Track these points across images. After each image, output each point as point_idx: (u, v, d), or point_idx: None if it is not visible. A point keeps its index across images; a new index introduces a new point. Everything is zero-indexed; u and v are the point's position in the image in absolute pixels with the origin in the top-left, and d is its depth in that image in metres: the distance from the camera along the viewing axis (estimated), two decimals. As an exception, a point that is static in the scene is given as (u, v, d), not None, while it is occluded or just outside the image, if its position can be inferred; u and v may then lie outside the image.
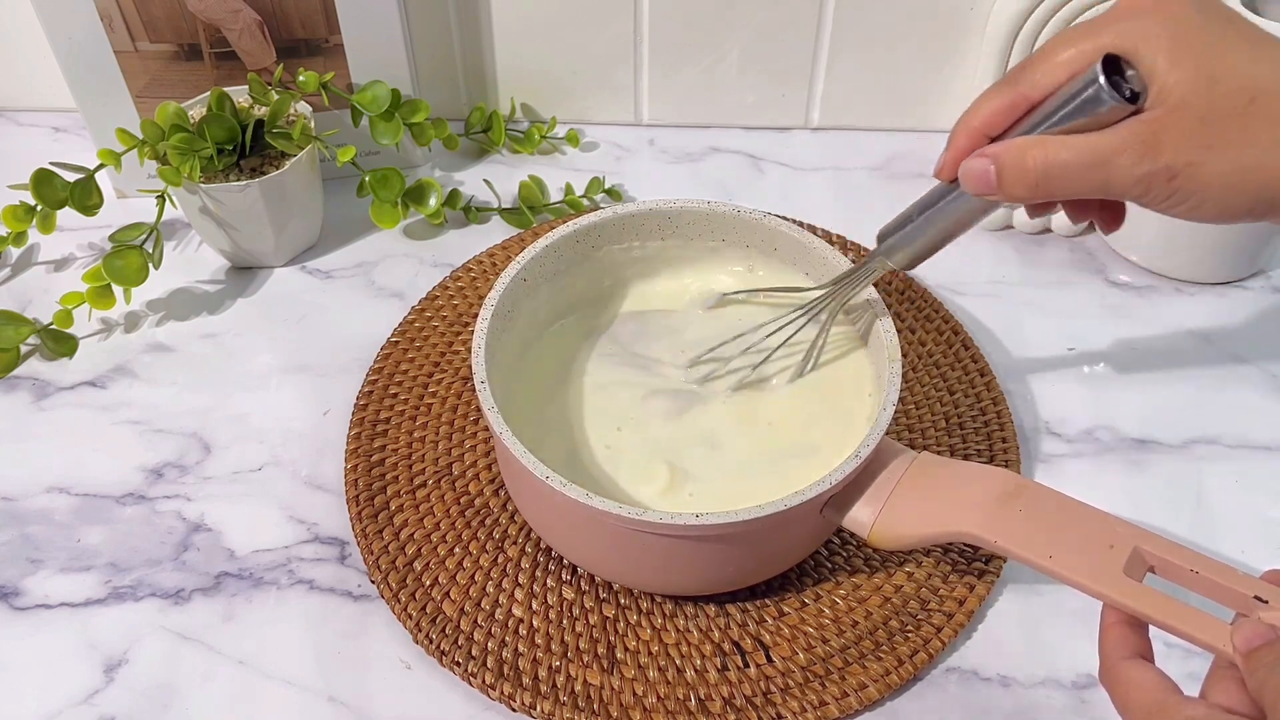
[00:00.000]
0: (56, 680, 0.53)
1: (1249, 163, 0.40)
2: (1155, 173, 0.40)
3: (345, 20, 0.72)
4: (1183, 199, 0.41)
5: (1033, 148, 0.42)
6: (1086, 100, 0.41)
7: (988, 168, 0.44)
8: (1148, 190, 0.41)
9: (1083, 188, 0.42)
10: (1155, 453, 0.63)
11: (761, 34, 0.79)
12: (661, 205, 0.60)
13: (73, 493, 0.61)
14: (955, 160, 0.46)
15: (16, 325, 0.67)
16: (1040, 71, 0.43)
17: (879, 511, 0.50)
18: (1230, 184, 0.40)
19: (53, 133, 0.84)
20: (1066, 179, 0.42)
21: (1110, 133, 0.41)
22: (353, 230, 0.76)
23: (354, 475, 0.60)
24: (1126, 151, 0.41)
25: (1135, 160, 0.41)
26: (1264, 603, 0.41)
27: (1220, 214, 0.42)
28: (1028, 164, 0.42)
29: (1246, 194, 0.41)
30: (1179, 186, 0.41)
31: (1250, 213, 0.41)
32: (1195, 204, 0.41)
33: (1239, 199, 0.41)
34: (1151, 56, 0.40)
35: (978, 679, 0.53)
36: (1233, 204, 0.41)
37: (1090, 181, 0.42)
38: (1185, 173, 0.40)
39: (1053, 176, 0.42)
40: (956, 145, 0.46)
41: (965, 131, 0.45)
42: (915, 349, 0.67)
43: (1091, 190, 0.42)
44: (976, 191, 0.45)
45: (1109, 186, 0.42)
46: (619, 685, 0.52)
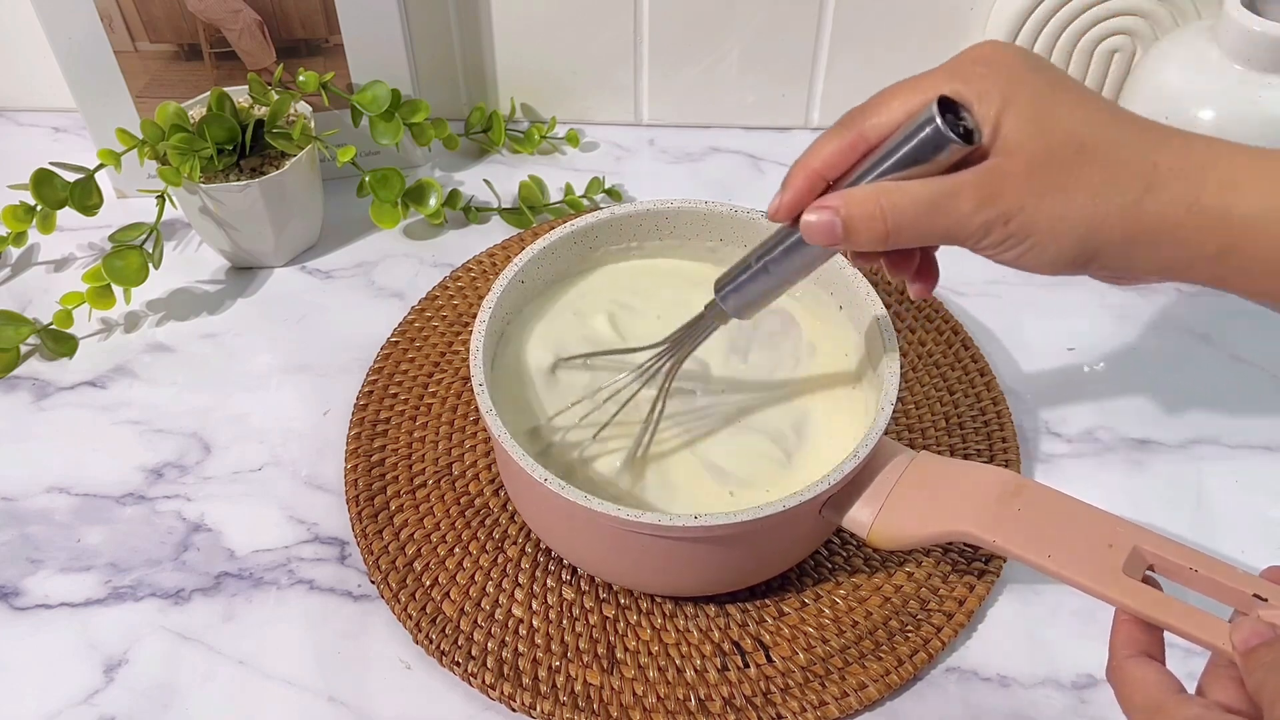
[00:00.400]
0: (56, 680, 0.53)
1: (1074, 209, 0.41)
2: (994, 219, 0.41)
3: (345, 20, 0.72)
4: (1015, 244, 0.42)
5: (880, 195, 0.42)
6: (924, 140, 0.41)
7: (833, 220, 0.43)
8: (987, 234, 0.42)
9: (929, 234, 0.42)
10: (1155, 453, 0.63)
11: (761, 34, 0.79)
12: (659, 206, 0.60)
13: (73, 493, 0.61)
14: (793, 203, 0.45)
15: (16, 325, 0.67)
16: (877, 115, 0.43)
17: (878, 511, 0.50)
18: (1056, 230, 0.41)
19: (53, 133, 0.84)
20: (913, 226, 0.42)
21: (953, 178, 0.42)
22: (353, 230, 0.76)
23: (354, 475, 0.60)
24: (967, 199, 0.41)
25: (975, 207, 0.41)
26: (1263, 601, 0.41)
27: (1049, 262, 0.43)
28: (876, 213, 0.42)
29: (1071, 241, 0.41)
30: (1012, 232, 0.42)
31: (1074, 262, 0.42)
32: (1025, 249, 0.42)
33: (1064, 246, 0.42)
34: (988, 103, 0.41)
35: (978, 679, 0.53)
36: (1059, 250, 0.42)
37: (935, 229, 0.42)
38: (1018, 218, 0.41)
39: (902, 225, 0.42)
40: (795, 187, 0.45)
41: (803, 173, 0.45)
42: (915, 349, 0.67)
43: (937, 237, 0.43)
44: (822, 243, 0.44)
45: (952, 233, 0.42)
46: (619, 685, 0.52)
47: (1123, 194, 0.41)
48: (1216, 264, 0.42)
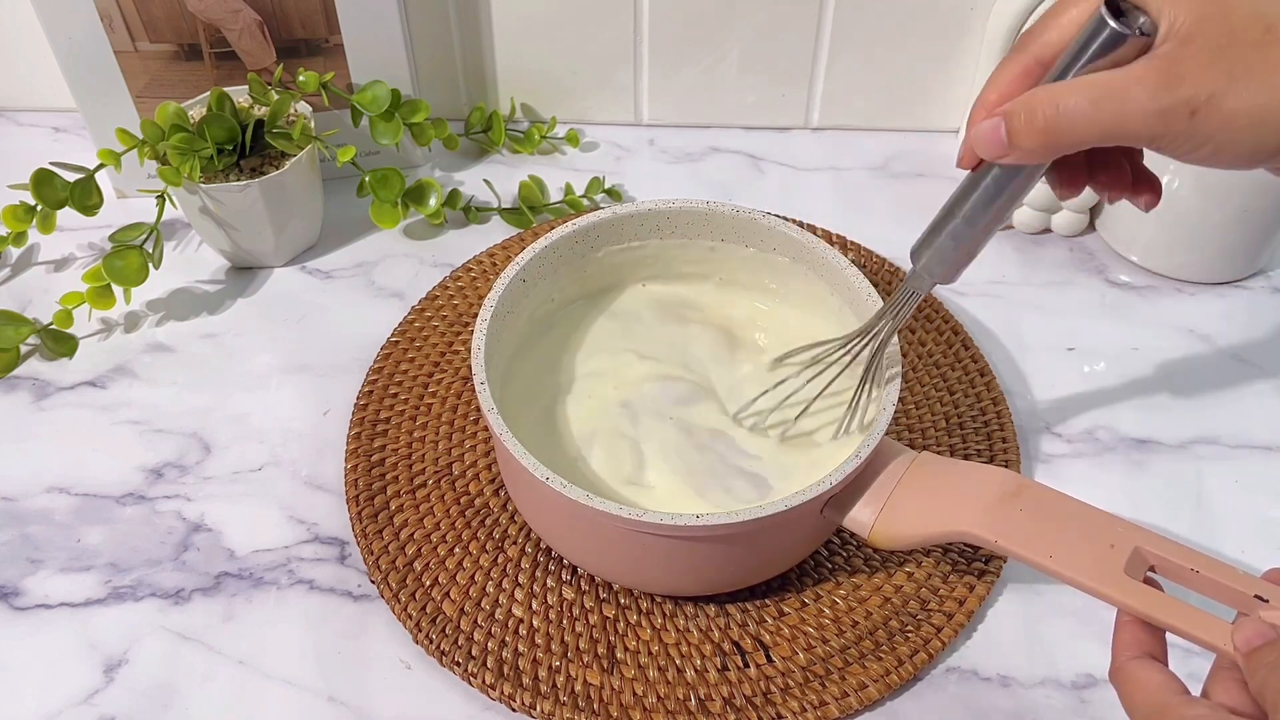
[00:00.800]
0: (56, 680, 0.53)
1: (1272, 93, 0.37)
2: (1174, 107, 0.37)
3: (345, 20, 0.72)
4: (1205, 139, 0.38)
5: (1041, 95, 0.40)
6: (1100, 43, 0.39)
7: (997, 124, 0.41)
8: (1166, 129, 0.38)
9: (1096, 132, 0.39)
10: (1155, 453, 0.63)
11: (761, 34, 0.79)
12: (660, 205, 0.60)
13: (73, 493, 0.61)
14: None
15: (16, 325, 0.67)
16: (1048, 32, 0.41)
17: (879, 511, 0.50)
18: (1256, 117, 0.37)
19: (53, 133, 0.84)
20: (1077, 123, 0.39)
21: (1123, 70, 0.38)
22: (353, 230, 0.76)
23: (354, 475, 0.60)
24: (1141, 85, 0.38)
25: (1151, 94, 0.38)
26: (1265, 602, 0.41)
27: (1248, 154, 0.39)
28: (1037, 111, 0.40)
29: (1271, 127, 0.38)
30: (1200, 125, 0.38)
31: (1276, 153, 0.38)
32: (1220, 143, 0.38)
33: (1263, 133, 0.38)
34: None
35: (978, 679, 0.53)
36: (1261, 140, 0.38)
37: (1103, 124, 0.39)
38: (1206, 107, 0.37)
39: (1063, 122, 0.39)
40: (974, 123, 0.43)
41: (983, 108, 0.43)
42: (915, 349, 0.67)
43: (1106, 135, 0.39)
44: (990, 154, 0.42)
45: (1124, 126, 0.38)
46: (619, 685, 0.52)
47: None
48: None
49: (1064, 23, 0.41)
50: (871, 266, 0.72)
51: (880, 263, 0.72)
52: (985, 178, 0.44)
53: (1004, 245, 0.75)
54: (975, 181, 0.45)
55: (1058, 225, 0.75)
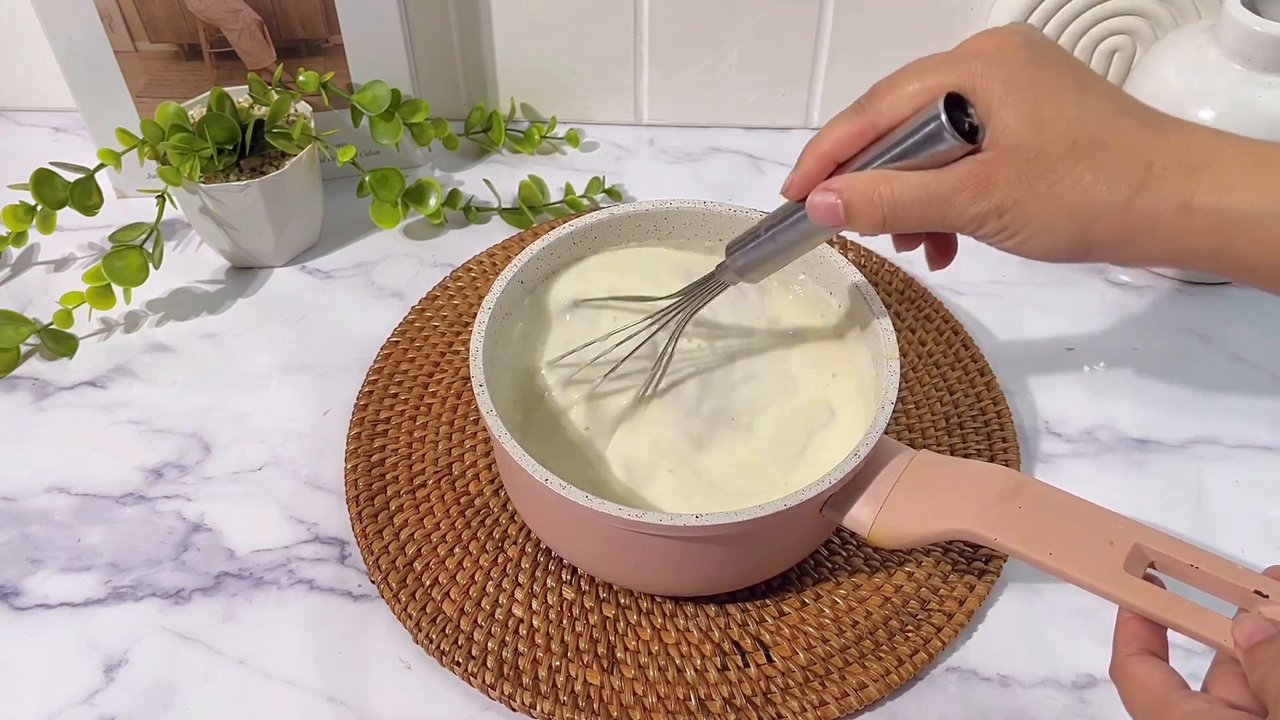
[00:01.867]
0: (56, 680, 0.53)
1: (1067, 204, 0.42)
2: (988, 211, 0.43)
3: (345, 20, 0.72)
4: (1010, 234, 0.44)
5: (879, 184, 0.44)
6: (929, 136, 0.43)
7: (835, 203, 0.45)
8: (981, 225, 0.44)
9: (925, 223, 0.44)
10: (1155, 453, 0.63)
11: (761, 34, 0.79)
12: (659, 206, 0.60)
13: (73, 493, 0.61)
14: (803, 181, 0.47)
15: (16, 325, 0.67)
16: (887, 102, 0.45)
17: (879, 510, 0.50)
18: (1050, 224, 0.43)
19: (53, 133, 0.84)
20: (910, 214, 0.44)
21: (949, 172, 0.43)
22: (353, 230, 0.76)
23: (354, 475, 0.60)
24: (964, 190, 0.43)
25: (971, 199, 0.43)
26: (1264, 597, 0.41)
27: (1044, 252, 0.44)
28: (874, 200, 0.44)
29: (1065, 233, 0.43)
30: (1007, 224, 0.43)
31: (1071, 252, 0.44)
32: (1022, 240, 0.44)
33: (1058, 238, 0.43)
34: (988, 98, 0.43)
35: (978, 679, 0.53)
36: (1054, 243, 0.43)
37: (931, 218, 0.44)
38: (1012, 210, 0.43)
39: (898, 212, 0.44)
40: (804, 168, 0.47)
41: (814, 155, 0.47)
42: (915, 349, 0.67)
43: (933, 225, 0.44)
44: (825, 224, 0.46)
45: (948, 222, 0.44)
46: (619, 685, 0.52)
47: (1114, 192, 0.42)
48: (1213, 260, 0.42)
49: (904, 95, 0.44)
50: (871, 266, 0.72)
51: (880, 262, 0.72)
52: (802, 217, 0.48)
53: (1004, 245, 0.75)
54: (794, 212, 0.49)
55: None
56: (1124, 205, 0.42)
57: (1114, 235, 0.42)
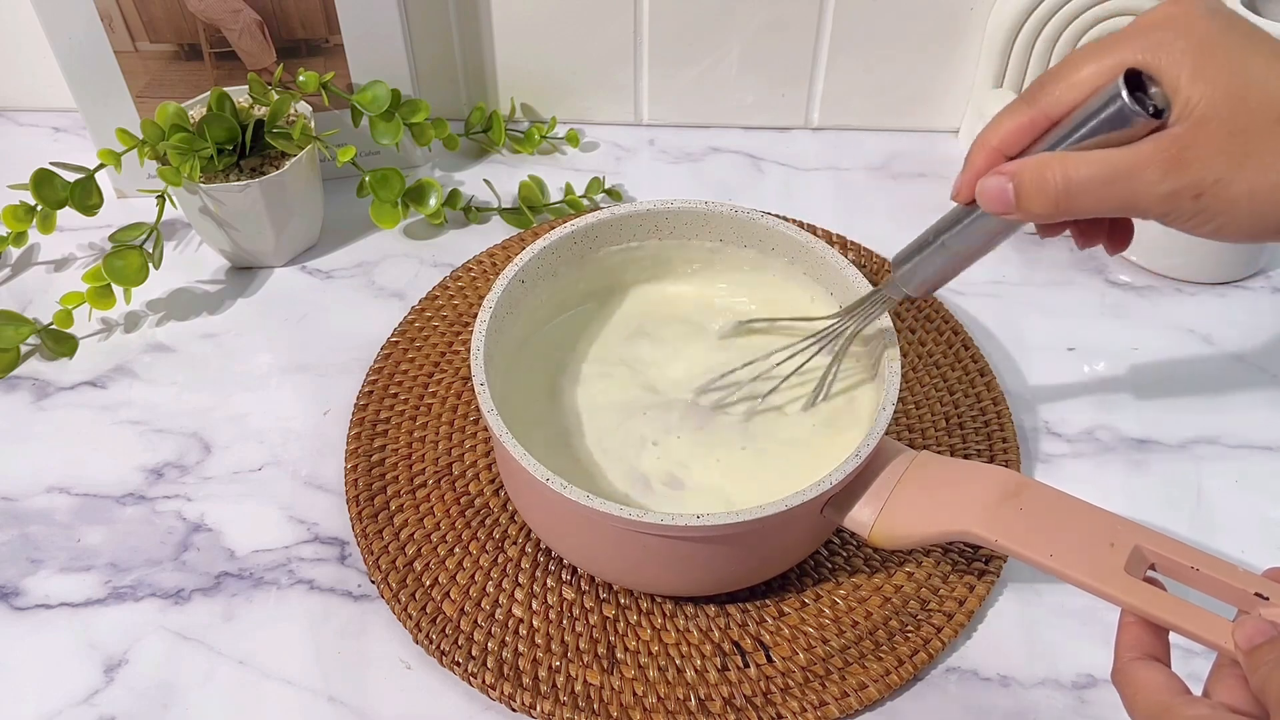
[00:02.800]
0: (56, 680, 0.53)
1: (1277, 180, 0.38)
2: (1181, 190, 0.39)
3: (345, 20, 0.72)
4: (1209, 218, 0.40)
5: (1053, 163, 0.41)
6: (1110, 116, 0.40)
7: (1005, 185, 0.42)
8: (1173, 208, 0.40)
9: (1105, 205, 0.41)
10: (1155, 453, 0.63)
11: (761, 34, 0.79)
12: (659, 206, 0.60)
13: (73, 493, 0.61)
14: (973, 181, 0.44)
15: (16, 325, 0.67)
16: (1060, 88, 0.42)
17: (879, 511, 0.50)
18: (1259, 201, 0.39)
19: (53, 133, 0.84)
20: (1088, 196, 0.40)
21: (1133, 149, 0.40)
22: (353, 230, 0.76)
23: (354, 475, 0.60)
24: (1151, 167, 0.39)
25: (1160, 176, 0.39)
26: (1265, 599, 0.41)
27: (1248, 233, 0.40)
28: (1048, 180, 0.41)
29: (1274, 209, 0.39)
30: (1206, 205, 0.39)
31: (1275, 230, 0.40)
32: (1222, 223, 0.40)
33: (1269, 217, 0.39)
34: (1175, 71, 0.39)
35: (978, 679, 0.53)
36: (1263, 222, 0.39)
37: (1113, 199, 0.40)
38: (1212, 190, 0.39)
39: (1074, 193, 0.40)
40: (974, 165, 0.44)
41: (983, 151, 0.44)
42: (915, 349, 0.67)
43: (1114, 208, 0.41)
44: (995, 210, 0.43)
45: (1132, 204, 0.40)
46: (619, 685, 0.52)
47: None
48: None
49: (1077, 81, 0.41)
50: (871, 266, 0.72)
51: (880, 263, 0.72)
52: (977, 217, 0.46)
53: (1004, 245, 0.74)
54: (966, 216, 0.46)
55: (1058, 225, 0.75)
56: None
57: None
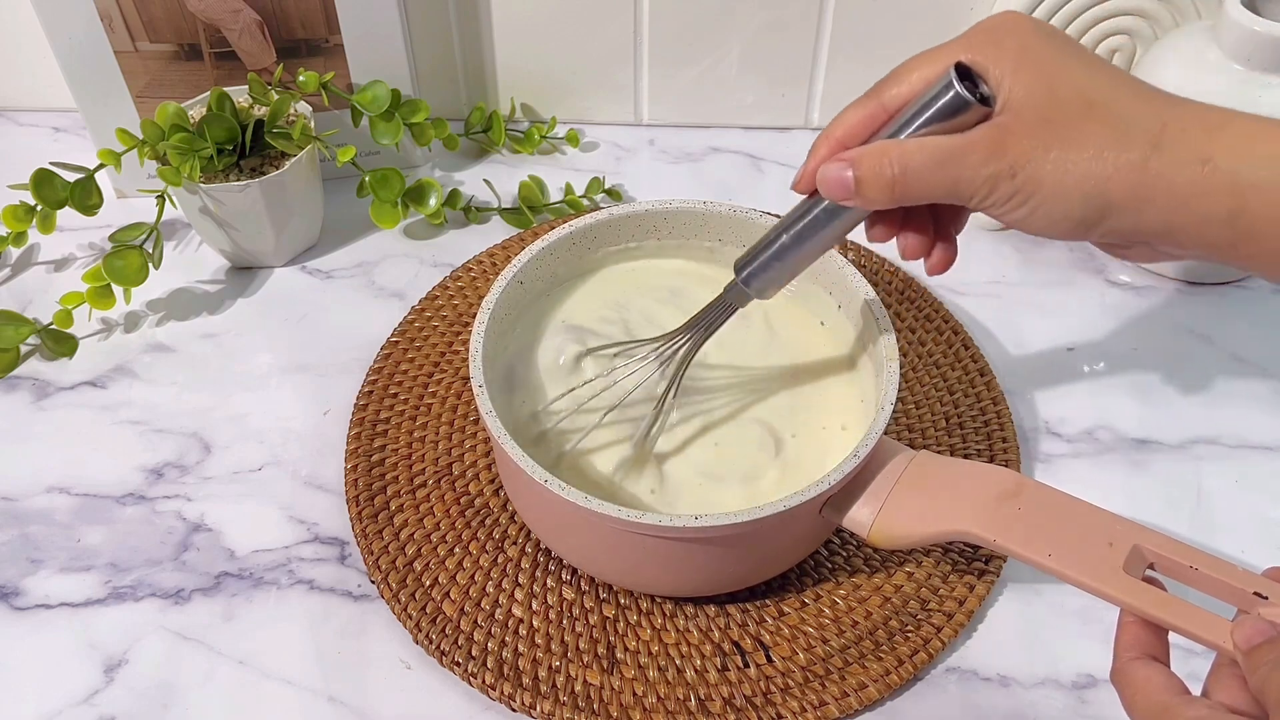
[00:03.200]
0: (56, 680, 0.53)
1: (1082, 165, 0.41)
2: (1000, 171, 0.42)
3: (345, 20, 0.72)
4: (1023, 200, 0.42)
5: (891, 148, 0.43)
6: (943, 105, 0.43)
7: (845, 172, 0.44)
8: (993, 189, 0.42)
9: (936, 189, 0.43)
10: (1155, 453, 0.63)
11: (761, 34, 0.79)
12: (659, 206, 0.60)
13: (73, 493, 0.61)
14: (814, 171, 0.46)
15: (16, 325, 0.67)
16: (897, 85, 0.45)
17: (878, 511, 0.50)
18: (1063, 184, 0.41)
19: (53, 133, 0.84)
20: (921, 180, 0.43)
21: (962, 135, 0.43)
22: (353, 230, 0.76)
23: (354, 475, 0.60)
24: (977, 150, 0.42)
25: (984, 159, 0.42)
26: (1264, 599, 0.41)
27: (1057, 219, 0.43)
28: (885, 164, 0.43)
29: (1078, 197, 0.42)
30: (1019, 186, 0.42)
31: (1083, 221, 0.42)
32: (1034, 206, 0.42)
33: (1072, 202, 0.42)
34: (999, 68, 0.42)
35: (978, 679, 0.53)
36: (1067, 208, 0.42)
37: (943, 181, 0.43)
38: (1025, 171, 0.42)
39: (909, 176, 0.43)
40: (817, 155, 0.46)
41: (826, 142, 0.46)
42: (915, 349, 0.67)
43: (944, 192, 0.43)
44: (835, 196, 0.45)
45: (959, 185, 0.43)
46: (619, 685, 0.52)
47: (1129, 150, 0.41)
48: (1227, 227, 0.41)
49: (913, 79, 0.45)
50: (871, 266, 0.72)
51: (880, 263, 0.72)
52: (818, 208, 0.47)
53: (1004, 245, 0.75)
54: (809, 209, 0.47)
55: (1058, 225, 0.75)
56: (1140, 163, 0.41)
57: (1129, 196, 0.41)
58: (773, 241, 0.49)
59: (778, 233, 0.49)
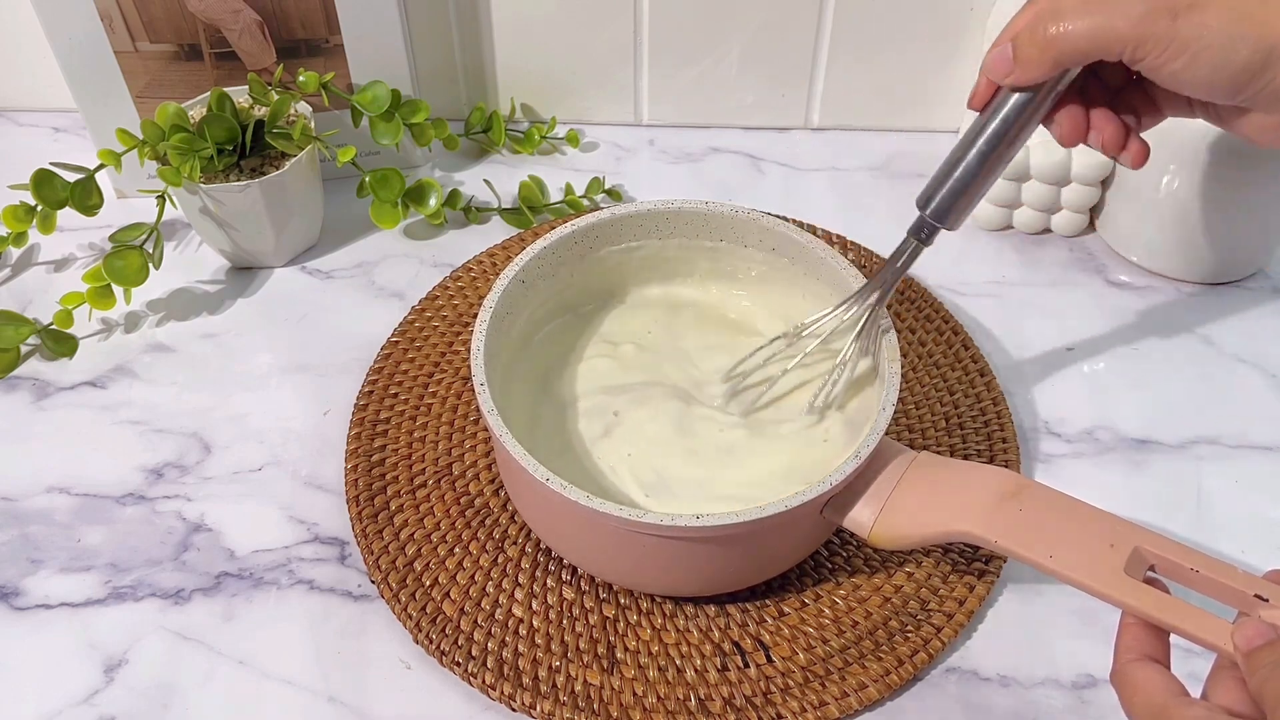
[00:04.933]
0: (56, 680, 0.53)
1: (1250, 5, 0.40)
2: (1156, 10, 0.41)
3: (345, 20, 0.72)
4: (1182, 46, 0.41)
5: (1045, 12, 0.43)
6: None
7: (1005, 48, 0.44)
8: (1150, 31, 0.41)
9: (1091, 38, 0.43)
10: (1155, 453, 0.63)
11: (761, 34, 0.79)
12: (659, 206, 0.60)
13: (73, 493, 0.61)
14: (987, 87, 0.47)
15: (16, 325, 0.67)
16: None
17: (879, 511, 0.50)
18: (1229, 29, 0.40)
19: (53, 133, 0.84)
20: (1074, 33, 0.43)
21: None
22: (353, 230, 0.76)
23: (354, 475, 0.60)
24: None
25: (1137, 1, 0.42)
26: (1265, 601, 0.41)
27: (1215, 69, 0.42)
28: (1039, 27, 0.43)
29: (1245, 42, 0.41)
30: (1180, 28, 0.41)
31: (1245, 69, 0.41)
32: (1194, 54, 0.41)
33: (1236, 48, 0.41)
34: None
35: (978, 679, 0.53)
36: (1229, 56, 0.41)
37: (1095, 27, 0.42)
38: (1186, 13, 0.41)
39: (1061, 35, 0.43)
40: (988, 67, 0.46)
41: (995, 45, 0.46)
42: (915, 349, 0.67)
43: (1098, 38, 0.42)
44: (997, 74, 0.45)
45: (1113, 28, 0.42)
46: (619, 685, 0.52)
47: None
48: None
49: None
50: (871, 267, 0.72)
51: (880, 263, 0.72)
52: (995, 115, 0.47)
53: (1004, 245, 0.75)
54: (984, 124, 0.48)
55: (1058, 225, 0.75)
56: None
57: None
58: (953, 167, 0.49)
59: (956, 158, 0.49)
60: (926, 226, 0.51)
